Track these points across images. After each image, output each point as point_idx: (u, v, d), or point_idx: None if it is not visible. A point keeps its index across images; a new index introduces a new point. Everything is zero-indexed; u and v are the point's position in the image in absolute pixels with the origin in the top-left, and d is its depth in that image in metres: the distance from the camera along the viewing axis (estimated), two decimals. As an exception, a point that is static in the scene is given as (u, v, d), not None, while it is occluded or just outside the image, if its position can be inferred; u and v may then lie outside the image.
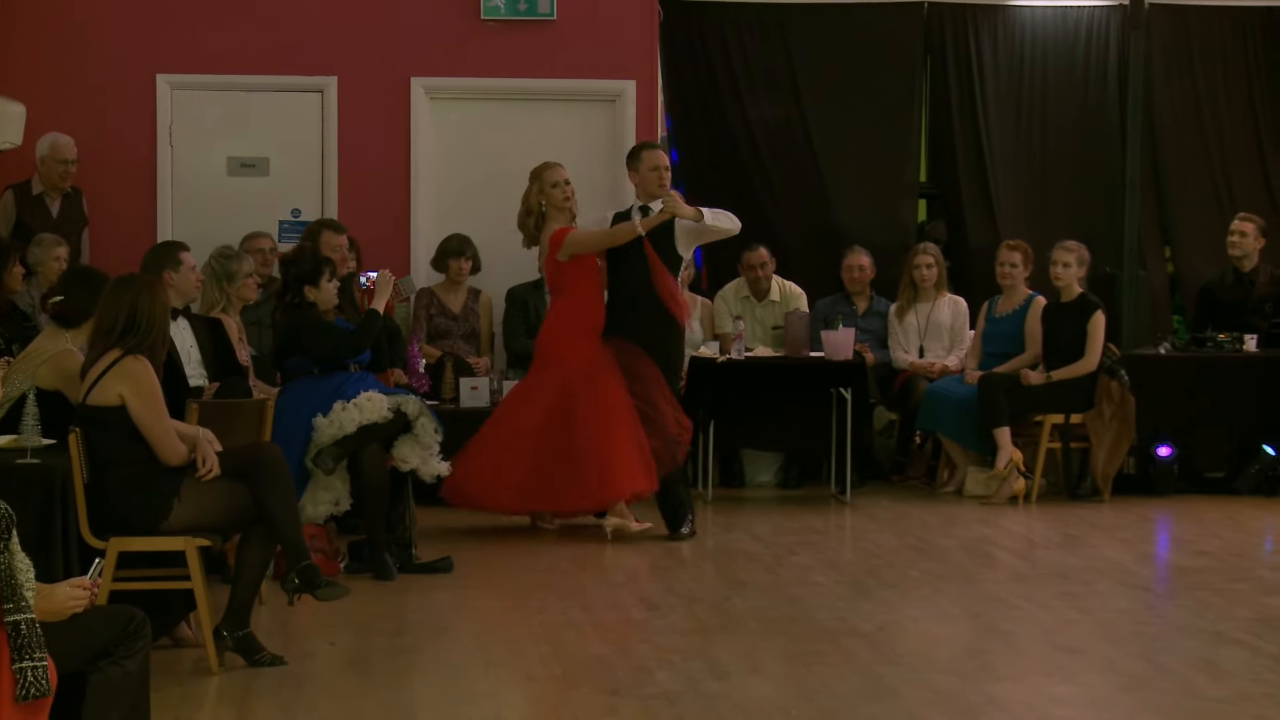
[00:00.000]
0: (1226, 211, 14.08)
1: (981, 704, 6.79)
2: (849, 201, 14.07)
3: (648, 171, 10.86)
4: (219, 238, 11.56)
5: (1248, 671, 7.28)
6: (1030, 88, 14.33)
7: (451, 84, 13.50)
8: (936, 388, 12.66)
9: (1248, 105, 14.40)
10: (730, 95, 14.05)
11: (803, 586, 9.18)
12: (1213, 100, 14.38)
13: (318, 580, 7.49)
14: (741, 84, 14.05)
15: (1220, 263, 13.61)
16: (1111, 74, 14.27)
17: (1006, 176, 14.26)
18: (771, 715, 6.56)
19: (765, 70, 14.08)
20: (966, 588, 9.21)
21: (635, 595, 8.95)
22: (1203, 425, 12.57)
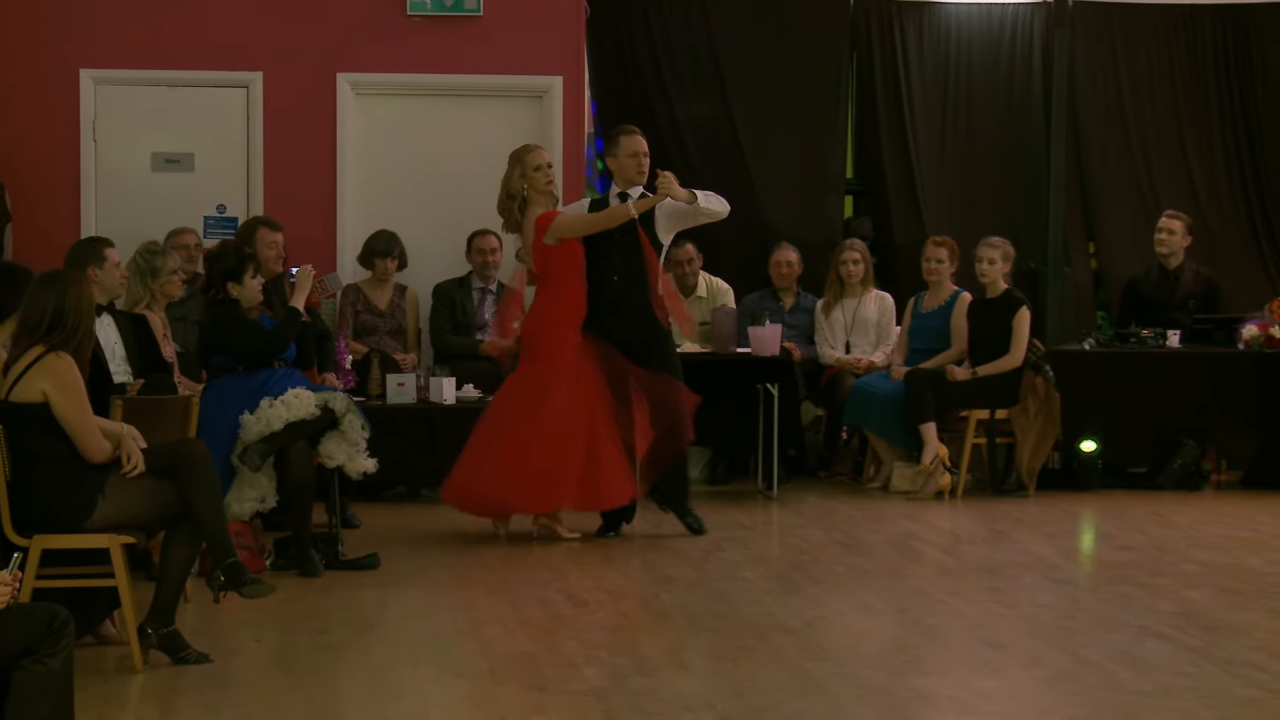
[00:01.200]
0: (1150, 208, 14.19)
1: (908, 698, 6.81)
2: (776, 198, 14.10)
3: (626, 158, 10.60)
4: (144, 234, 11.48)
5: (1170, 665, 7.33)
6: (956, 84, 14.40)
7: (378, 80, 13.46)
8: (863, 383, 12.70)
9: (1171, 103, 14.51)
10: (657, 91, 14.06)
11: (730, 582, 9.19)
12: (1136, 98, 14.47)
13: (243, 577, 7.45)
14: (668, 80, 14.07)
15: (1144, 259, 13.72)
16: (1036, 71, 14.35)
17: (932, 173, 14.33)
18: (698, 711, 6.56)
19: (692, 66, 14.10)
20: (893, 583, 9.25)
21: (562, 591, 8.95)
22: (1127, 420, 12.66)
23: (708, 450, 13.03)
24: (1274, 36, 14.54)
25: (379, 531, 10.67)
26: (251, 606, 7.98)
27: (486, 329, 13.01)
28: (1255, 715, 6.53)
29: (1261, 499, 12.21)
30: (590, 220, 10.48)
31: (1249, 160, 14.51)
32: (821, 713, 6.60)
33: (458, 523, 11.09)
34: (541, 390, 10.29)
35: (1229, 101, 14.52)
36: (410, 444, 11.53)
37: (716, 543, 10.39)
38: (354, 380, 11.45)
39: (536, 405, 10.27)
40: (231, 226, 13.02)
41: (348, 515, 10.61)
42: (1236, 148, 14.53)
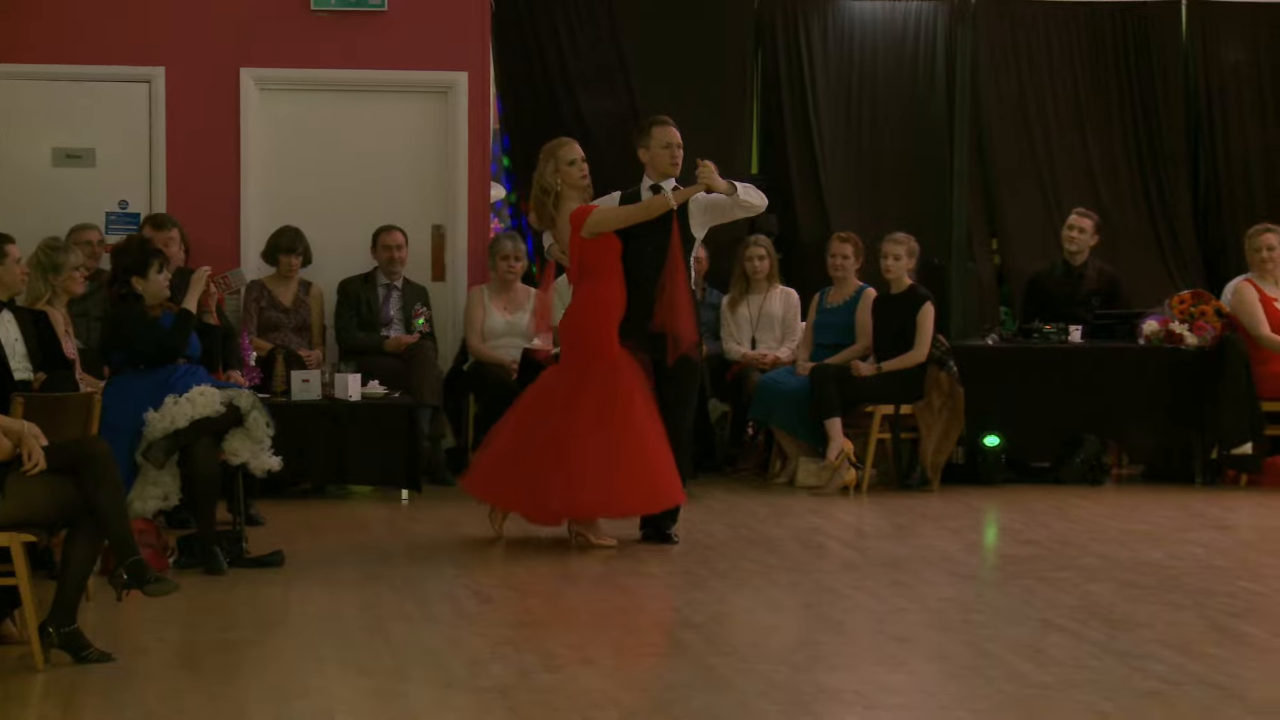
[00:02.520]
0: (1052, 204, 14.32)
1: (813, 693, 6.84)
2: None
3: (659, 149, 10.25)
4: (45, 230, 11.41)
5: (1072, 658, 7.39)
6: (860, 81, 14.47)
7: (281, 75, 13.40)
8: (769, 379, 12.75)
9: (1072, 98, 14.62)
10: (563, 87, 14.05)
11: (635, 578, 9.21)
12: (1038, 93, 14.59)
13: (147, 575, 7.40)
14: (574, 75, 14.06)
15: (1046, 254, 13.84)
16: (939, 67, 14.43)
17: (837, 169, 14.39)
18: (604, 707, 6.57)
19: (597, 62, 14.10)
20: (798, 578, 9.29)
21: (468, 588, 8.94)
22: (1030, 415, 12.76)
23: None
24: (1172, 33, 14.68)
25: (284, 528, 10.62)
26: (155, 604, 7.93)
27: (392, 325, 12.98)
28: (1155, 707, 6.60)
29: (1162, 493, 12.33)
30: (628, 213, 10.12)
31: (1149, 156, 14.64)
32: (727, 708, 6.62)
33: (363, 519, 11.08)
34: (581, 388, 9.95)
35: (1129, 97, 14.65)
36: (315, 441, 11.50)
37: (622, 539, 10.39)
38: (259, 377, 11.40)
39: (576, 403, 9.93)
40: (134, 222, 12.94)
41: (252, 512, 10.56)
42: (1137, 144, 14.66)
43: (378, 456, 11.73)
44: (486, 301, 13.10)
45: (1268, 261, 12.95)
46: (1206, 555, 9.91)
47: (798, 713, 6.55)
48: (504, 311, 13.10)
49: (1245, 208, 14.56)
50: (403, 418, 11.81)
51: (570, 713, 6.50)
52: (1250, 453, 12.55)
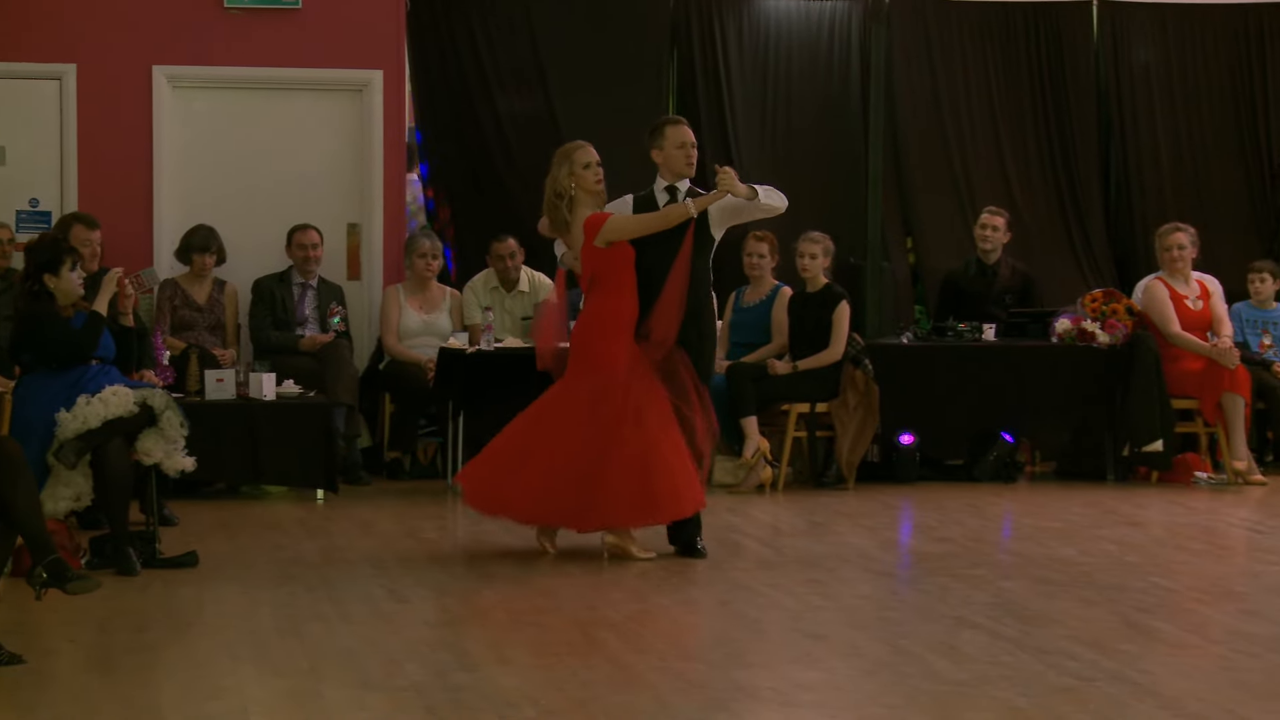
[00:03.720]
0: (965, 203, 14.40)
1: (729, 691, 6.85)
2: (595, 193, 14.08)
3: (674, 149, 9.84)
4: (-46, 228, 11.31)
5: (986, 655, 7.43)
6: (775, 79, 14.49)
7: (195, 72, 13.32)
8: (684, 378, 12.73)
9: (986, 99, 14.70)
10: (478, 85, 14.00)
11: (553, 577, 9.19)
12: (952, 93, 14.66)
13: (67, 574, 7.34)
14: (490, 74, 14.01)
15: (961, 253, 13.91)
16: (854, 67, 14.48)
17: (752, 168, 14.37)
18: (520, 706, 6.55)
19: (513, 60, 14.06)
20: (715, 576, 9.29)
21: (384, 588, 8.89)
22: (944, 413, 12.82)
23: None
24: (1084, 34, 14.79)
25: (198, 529, 10.55)
26: (67, 606, 7.86)
27: (307, 324, 12.92)
28: (1068, 703, 6.63)
29: (1074, 490, 12.42)
30: (646, 222, 9.69)
31: (1061, 156, 14.74)
32: (644, 706, 6.61)
33: (278, 519, 11.02)
34: (593, 400, 9.59)
35: (1042, 97, 14.74)
36: (230, 440, 11.43)
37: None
38: (172, 376, 11.32)
39: (587, 416, 9.59)
40: (45, 221, 12.83)
41: (165, 513, 10.48)
42: (1049, 143, 14.76)
43: (293, 456, 11.66)
44: (402, 300, 13.06)
45: (1178, 260, 13.06)
46: (1118, 552, 9.98)
47: (714, 710, 6.55)
48: (420, 310, 13.06)
49: (1156, 207, 14.67)
50: (318, 417, 11.75)
51: (486, 712, 6.49)
52: (1161, 450, 12.65)
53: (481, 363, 12.08)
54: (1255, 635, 7.83)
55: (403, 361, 12.86)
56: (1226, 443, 12.73)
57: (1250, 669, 7.22)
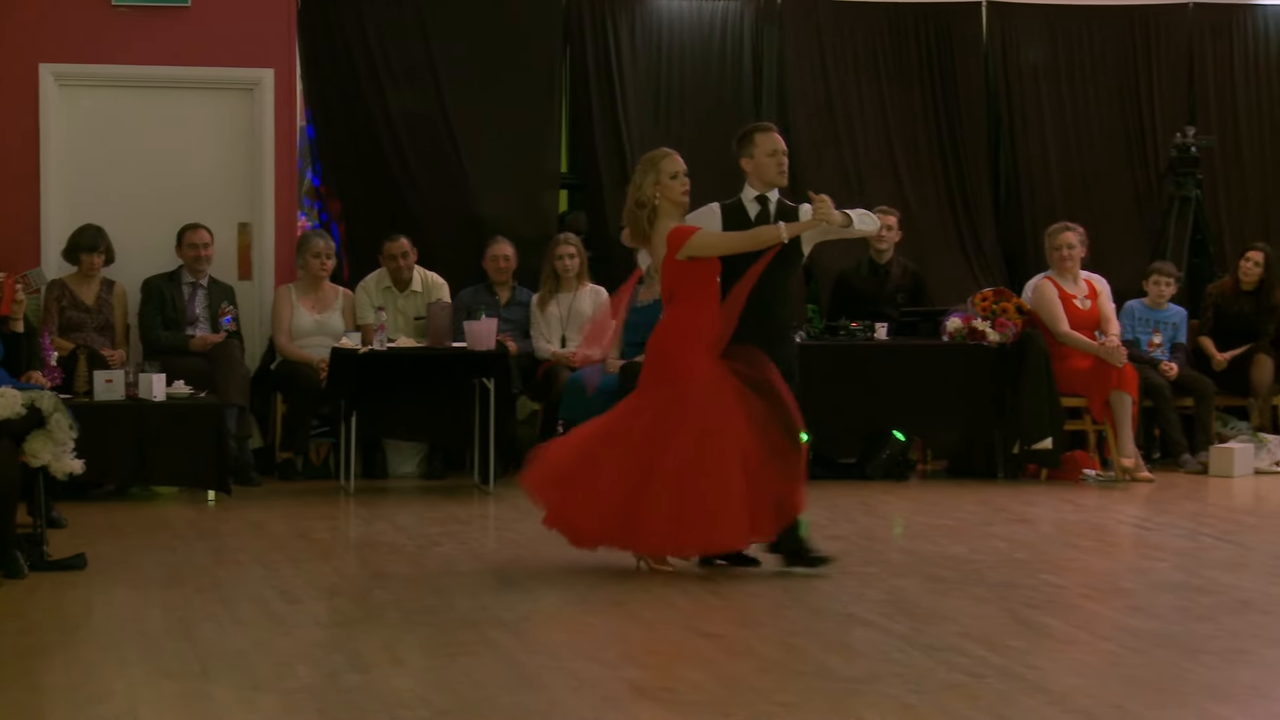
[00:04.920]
0: (858, 202, 14.41)
1: (624, 690, 6.85)
2: (491, 192, 14.07)
3: (765, 157, 9.43)
4: None
5: (878, 652, 7.47)
6: (668, 79, 14.51)
7: (82, 70, 13.20)
8: (578, 377, 12.74)
9: (877, 99, 14.77)
10: (370, 84, 13.94)
11: (446, 577, 9.17)
12: (843, 94, 14.72)
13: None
14: (381, 73, 13.95)
15: (853, 253, 13.97)
16: (746, 66, 14.52)
17: (645, 165, 14.39)
18: (413, 707, 6.53)
19: (405, 59, 14.01)
20: (608, 575, 9.28)
21: (276, 588, 8.84)
22: (837, 411, 12.87)
23: (424, 445, 13.00)
24: (973, 35, 14.89)
25: (87, 531, 10.45)
26: (-47, 610, 7.78)
27: (198, 324, 12.82)
28: (959, 699, 6.68)
29: (965, 488, 12.50)
30: (734, 242, 9.27)
31: (952, 156, 14.84)
32: (537, 706, 6.60)
33: (169, 520, 10.93)
34: (658, 412, 9.13)
35: (932, 97, 14.83)
36: (119, 442, 11.33)
37: (433, 538, 10.36)
38: (60, 377, 11.20)
39: (649, 428, 9.13)
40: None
41: (53, 515, 10.37)
42: (940, 143, 14.85)
43: (183, 457, 11.58)
44: (294, 300, 12.99)
45: (1067, 259, 13.18)
46: (1008, 549, 10.06)
47: (607, 710, 6.55)
48: (312, 310, 13.00)
49: (1045, 207, 14.80)
50: (209, 418, 11.67)
51: (379, 713, 6.46)
52: (1050, 447, 12.76)
53: (374, 363, 12.03)
54: (1142, 631, 7.91)
55: (295, 361, 12.79)
56: (1114, 440, 12.86)
57: (1137, 664, 7.30)
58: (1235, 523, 11.18)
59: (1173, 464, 13.38)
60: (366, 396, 12.15)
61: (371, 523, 10.96)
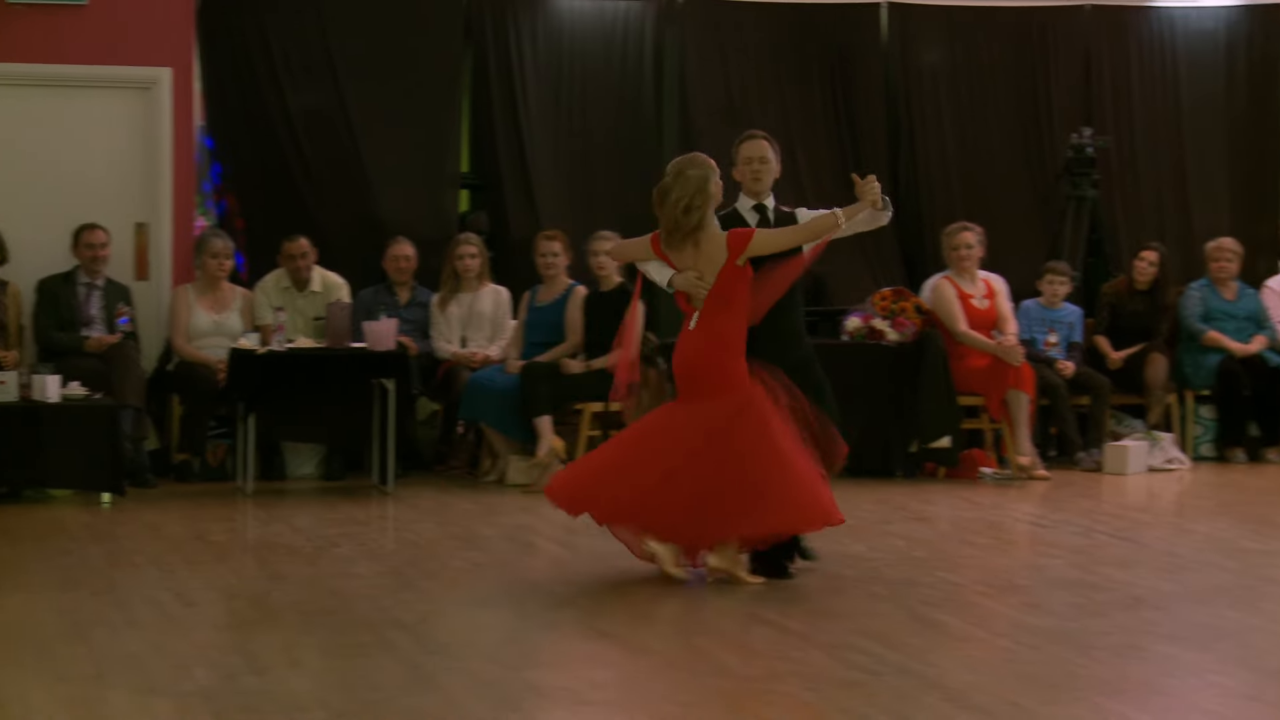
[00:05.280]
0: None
1: (522, 690, 6.84)
2: (391, 192, 14.03)
3: (742, 165, 9.45)
4: None
5: (776, 650, 7.50)
6: (570, 80, 14.50)
7: (-25, 68, 13.07)
8: (479, 377, 12.74)
9: (778, 99, 14.82)
10: (269, 84, 13.86)
11: (344, 578, 9.13)
12: (745, 94, 14.76)
13: None
14: (281, 72, 13.88)
15: (753, 253, 13.99)
16: (648, 67, 14.53)
17: (547, 167, 14.41)
18: (310, 709, 6.50)
19: (305, 59, 13.94)
20: (508, 575, 9.29)
21: (172, 591, 8.77)
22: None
23: (322, 446, 12.94)
24: (873, 35, 14.96)
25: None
26: None
27: (94, 324, 12.71)
28: (856, 696, 6.71)
29: (863, 486, 12.53)
30: (795, 236, 9.08)
31: (851, 155, 14.89)
32: (435, 708, 6.59)
33: (63, 523, 10.83)
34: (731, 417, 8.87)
35: (832, 98, 14.89)
36: (12, 444, 11.24)
37: (331, 539, 10.31)
38: (-47, 379, 11.09)
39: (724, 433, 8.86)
40: None
41: (-53, 518, 10.28)
42: (840, 143, 14.92)
43: (78, 459, 11.49)
44: (192, 300, 12.91)
45: (965, 259, 13.27)
46: (906, 547, 10.12)
47: (506, 711, 6.54)
48: (210, 311, 12.92)
49: (943, 207, 14.89)
50: (104, 419, 11.58)
51: (276, 715, 6.42)
52: (948, 446, 12.84)
53: (273, 363, 11.96)
54: (1037, 628, 7.98)
55: (192, 362, 12.71)
56: (1011, 438, 12.95)
57: (1032, 660, 7.36)
58: (1129, 520, 11.29)
59: (1068, 462, 13.49)
60: (265, 397, 12.08)
61: (269, 524, 10.91)
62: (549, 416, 12.35)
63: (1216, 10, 15.31)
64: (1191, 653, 7.54)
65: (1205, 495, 12.46)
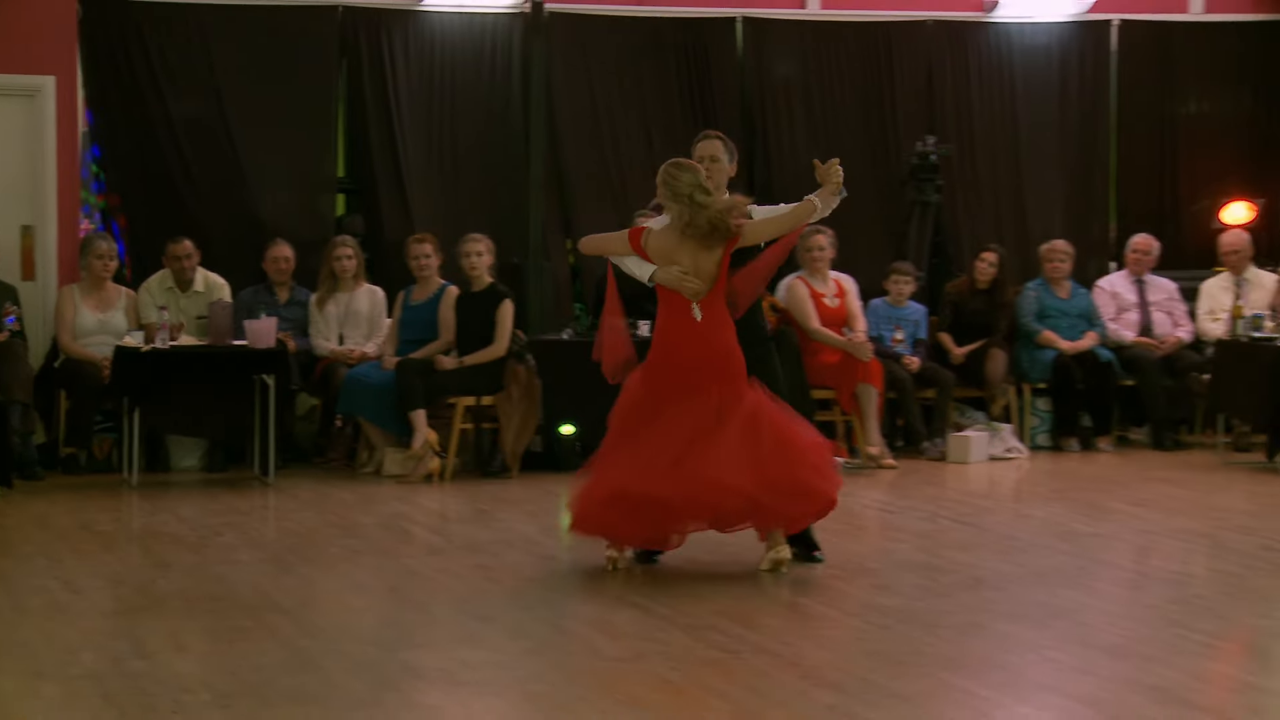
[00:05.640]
0: (621, 207, 14.50)
1: (398, 671, 6.82)
2: (270, 196, 13.93)
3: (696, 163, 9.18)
4: None
5: (642, 631, 7.52)
6: (441, 89, 14.44)
7: None
8: (356, 373, 12.68)
9: (639, 107, 14.82)
10: (151, 91, 13.70)
11: (227, 565, 9.06)
12: (608, 103, 14.75)
13: None
14: (163, 81, 13.72)
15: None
16: (516, 78, 14.49)
17: (420, 172, 14.34)
18: (195, 691, 6.45)
19: (187, 68, 13.79)
20: (385, 562, 9.26)
21: (59, 579, 8.67)
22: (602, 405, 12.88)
23: (205, 439, 12.81)
24: (729, 48, 14.98)
25: None
26: None
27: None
28: (716, 674, 6.75)
29: (724, 475, 12.59)
30: (781, 223, 8.93)
31: (710, 163, 14.91)
32: (315, 688, 6.56)
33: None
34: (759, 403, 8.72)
35: (691, 106, 14.88)
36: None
37: (214, 528, 10.23)
38: None
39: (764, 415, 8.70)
40: None
41: None
42: (698, 148, 14.92)
43: (-33, 453, 11.32)
44: (77, 300, 12.75)
45: (818, 260, 13.35)
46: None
47: (383, 690, 6.52)
48: (95, 310, 12.77)
49: (797, 211, 14.93)
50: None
51: (162, 698, 6.38)
52: (803, 437, 12.89)
53: (157, 360, 11.85)
54: (886, 608, 8.05)
55: (78, 360, 12.55)
56: (861, 429, 13.05)
57: (881, 639, 7.43)
58: (971, 506, 11.40)
59: (915, 451, 13.60)
60: (149, 393, 11.95)
61: (154, 515, 10.80)
62: (423, 410, 12.31)
63: (1050, 25, 15.49)
64: (1029, 630, 7.64)
65: (1042, 482, 12.62)
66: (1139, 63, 15.64)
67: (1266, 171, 15.77)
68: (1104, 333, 14.35)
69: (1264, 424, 12.98)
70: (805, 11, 15.11)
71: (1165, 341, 14.36)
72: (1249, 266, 14.54)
